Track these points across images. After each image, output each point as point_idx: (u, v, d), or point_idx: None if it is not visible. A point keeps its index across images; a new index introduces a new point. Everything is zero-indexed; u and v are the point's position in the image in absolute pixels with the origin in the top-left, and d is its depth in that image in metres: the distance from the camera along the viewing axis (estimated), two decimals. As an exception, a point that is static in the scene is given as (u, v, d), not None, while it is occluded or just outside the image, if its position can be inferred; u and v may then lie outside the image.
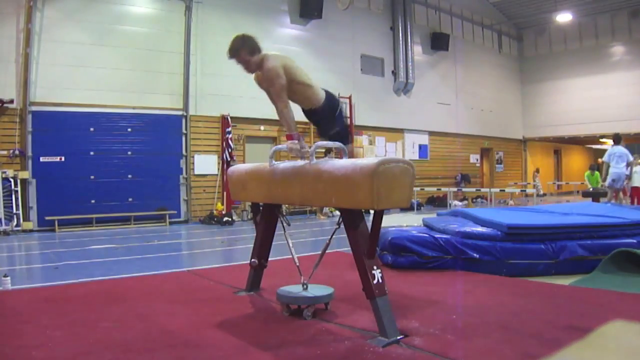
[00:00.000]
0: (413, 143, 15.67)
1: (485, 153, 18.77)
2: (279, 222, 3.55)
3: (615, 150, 9.26)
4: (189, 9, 10.80)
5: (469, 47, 17.77)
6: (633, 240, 4.43)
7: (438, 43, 16.20)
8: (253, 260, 3.62)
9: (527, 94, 19.93)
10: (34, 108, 9.06)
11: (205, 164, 11.04)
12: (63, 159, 9.34)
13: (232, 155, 10.96)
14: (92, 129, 9.63)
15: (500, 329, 2.71)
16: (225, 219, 10.26)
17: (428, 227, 5.21)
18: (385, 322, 2.58)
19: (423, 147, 16.03)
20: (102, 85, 9.69)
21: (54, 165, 9.25)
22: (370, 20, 14.53)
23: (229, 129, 11.06)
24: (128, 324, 2.91)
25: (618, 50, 17.63)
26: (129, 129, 10.05)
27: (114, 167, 9.85)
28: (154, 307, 3.32)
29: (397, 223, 6.80)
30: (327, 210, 11.79)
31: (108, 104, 9.77)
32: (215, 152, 11.18)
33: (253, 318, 3.10)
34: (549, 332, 2.64)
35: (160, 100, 10.40)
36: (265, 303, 3.44)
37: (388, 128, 14.85)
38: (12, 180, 8.72)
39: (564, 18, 17.17)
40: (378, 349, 2.43)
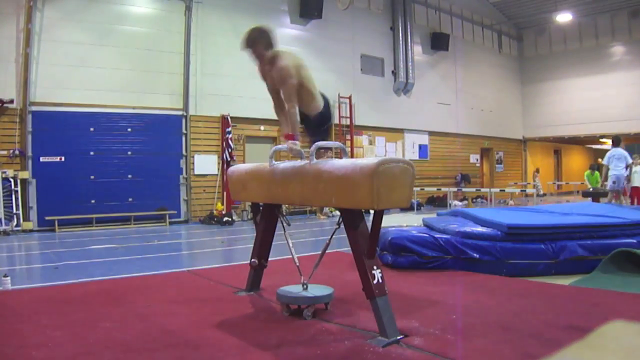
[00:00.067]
0: (413, 143, 15.67)
1: (485, 153, 18.77)
2: (279, 222, 3.55)
3: (614, 153, 9.31)
4: (189, 9, 10.80)
5: (469, 47, 17.77)
6: (633, 240, 4.43)
7: (438, 43, 16.20)
8: (253, 260, 3.62)
9: (527, 94, 19.93)
10: (34, 108, 9.07)
11: (205, 164, 11.05)
12: (63, 159, 9.34)
13: (232, 155, 10.97)
14: (92, 129, 9.64)
15: (500, 329, 2.71)
16: (225, 219, 10.26)
17: (428, 227, 5.21)
18: (385, 322, 2.58)
19: (423, 147, 16.03)
20: (102, 85, 9.70)
21: (54, 165, 9.25)
22: (370, 20, 14.53)
23: (229, 129, 11.07)
24: (128, 324, 2.91)
25: (618, 50, 17.62)
26: (129, 129, 10.05)
27: (114, 167, 9.85)
28: (154, 307, 3.32)
29: (397, 223, 6.80)
30: (327, 210, 11.79)
31: (108, 104, 9.77)
32: (215, 152, 11.18)
33: (253, 318, 3.10)
34: (549, 332, 2.64)
35: (160, 100, 10.40)
36: (265, 303, 3.44)
37: (388, 128, 14.86)
38: (12, 180, 8.73)
39: (564, 18, 17.18)
40: (378, 349, 2.43)
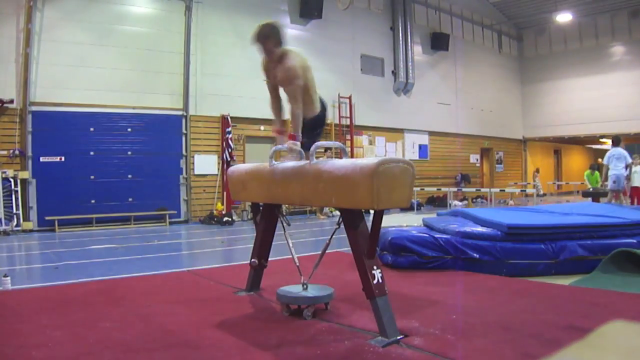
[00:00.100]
0: (413, 143, 15.67)
1: (485, 153, 18.77)
2: (279, 222, 3.55)
3: (614, 152, 9.30)
4: (189, 9, 10.80)
5: (469, 47, 17.77)
6: (633, 240, 4.43)
7: (438, 43, 16.20)
8: (253, 260, 3.62)
9: (527, 94, 19.93)
10: (34, 108, 9.07)
11: (205, 164, 11.05)
12: (63, 159, 9.34)
13: (232, 155, 10.97)
14: (92, 129, 9.64)
15: (500, 329, 2.71)
16: (225, 219, 10.26)
17: (428, 227, 5.21)
18: (385, 322, 2.58)
19: (423, 147, 16.03)
20: (102, 85, 9.70)
21: (54, 165, 9.25)
22: (370, 20, 14.53)
23: (229, 129, 11.07)
24: (128, 324, 2.91)
25: (618, 50, 17.62)
26: (129, 129, 10.05)
27: (114, 167, 9.85)
28: (154, 307, 3.32)
29: (397, 223, 6.80)
30: (327, 210, 11.79)
31: (108, 104, 9.77)
32: (215, 152, 11.18)
33: (253, 318, 3.10)
34: (549, 332, 2.64)
35: (160, 100, 10.40)
36: (265, 303, 3.44)
37: (388, 128, 14.85)
38: (12, 180, 8.72)
39: (564, 18, 17.17)
40: (378, 349, 2.43)
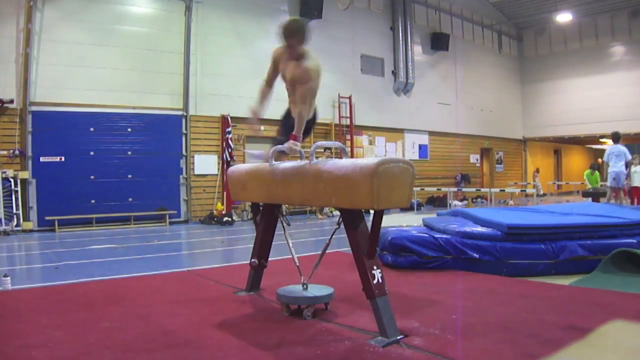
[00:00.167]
0: (413, 143, 15.67)
1: (485, 153, 18.77)
2: (279, 222, 3.55)
3: (614, 150, 9.22)
4: (189, 9, 10.80)
5: (469, 47, 17.77)
6: (633, 240, 4.43)
7: (438, 43, 16.20)
8: (253, 260, 3.62)
9: (527, 94, 19.93)
10: (34, 108, 9.06)
11: (205, 164, 11.04)
12: (63, 159, 9.34)
13: (232, 155, 10.97)
14: (92, 129, 9.63)
15: (500, 329, 2.71)
16: (225, 219, 10.26)
17: (428, 227, 5.21)
18: (385, 322, 2.58)
19: (423, 147, 16.03)
20: (102, 85, 9.69)
21: (54, 165, 9.25)
22: (370, 20, 14.53)
23: (229, 129, 11.06)
24: (128, 324, 2.91)
25: (618, 50, 17.62)
26: (129, 129, 10.05)
27: (114, 167, 9.85)
28: (154, 307, 3.32)
29: (397, 223, 6.79)
30: (327, 210, 11.79)
31: (108, 104, 9.77)
32: (215, 152, 11.18)
33: (253, 318, 3.10)
34: (549, 332, 2.64)
35: (160, 100, 10.40)
36: (265, 303, 3.44)
37: (388, 128, 14.85)
38: (12, 180, 8.72)
39: (564, 18, 17.17)
40: (378, 349, 2.43)
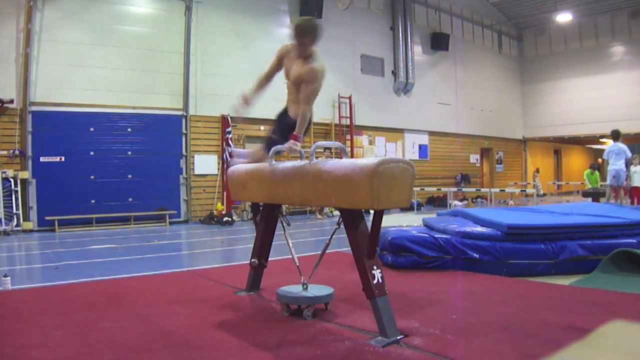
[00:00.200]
0: (413, 143, 15.67)
1: (485, 153, 18.77)
2: (279, 222, 3.55)
3: (613, 148, 9.17)
4: (189, 9, 10.80)
5: (469, 47, 17.77)
6: (633, 240, 4.43)
7: (438, 43, 16.20)
8: (253, 260, 3.62)
9: (527, 94, 19.93)
10: (34, 108, 9.06)
11: (205, 164, 11.04)
12: (63, 159, 9.34)
13: (232, 155, 10.96)
14: (92, 129, 9.63)
15: (500, 329, 2.71)
16: (225, 219, 10.26)
17: (428, 227, 5.21)
18: (385, 322, 2.58)
19: (423, 147, 16.03)
20: (102, 85, 9.69)
21: (54, 165, 9.25)
22: (370, 20, 14.53)
23: (229, 129, 11.07)
24: (128, 324, 2.91)
25: (618, 50, 17.62)
26: (129, 129, 10.05)
27: (114, 167, 9.85)
28: (154, 307, 3.32)
29: (397, 223, 6.79)
30: (327, 210, 11.79)
31: (108, 104, 9.77)
32: (215, 152, 11.18)
33: (253, 318, 3.10)
34: (549, 332, 2.64)
35: (160, 100, 10.40)
36: (265, 303, 3.44)
37: (388, 128, 14.85)
38: (12, 180, 8.72)
39: (564, 18, 17.17)
40: (378, 349, 2.43)
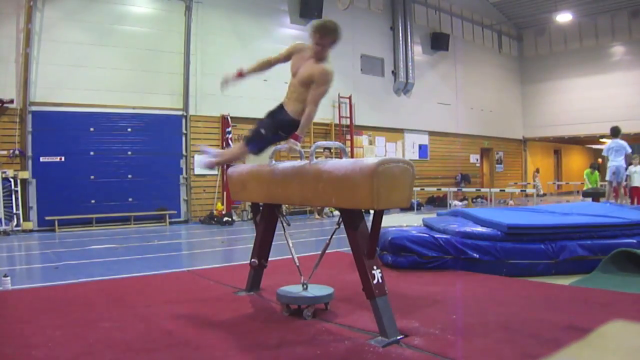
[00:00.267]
0: (413, 143, 15.67)
1: (485, 153, 18.77)
2: (279, 222, 3.55)
3: (613, 145, 9.10)
4: (189, 9, 10.79)
5: (469, 47, 17.77)
6: (633, 240, 4.43)
7: (438, 43, 16.20)
8: (253, 260, 3.62)
9: (527, 94, 19.93)
10: (34, 108, 9.06)
11: (206, 164, 11.03)
12: (63, 159, 9.34)
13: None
14: (92, 129, 9.63)
15: (500, 329, 2.71)
16: (225, 219, 10.26)
17: (428, 227, 5.21)
18: (385, 322, 2.58)
19: (423, 147, 16.03)
20: (102, 85, 9.69)
21: (54, 165, 9.25)
22: (370, 20, 14.53)
23: (229, 129, 11.06)
24: (128, 324, 2.91)
25: (618, 50, 17.62)
26: (129, 129, 10.05)
27: (114, 167, 9.85)
28: (154, 307, 3.32)
29: (397, 223, 6.79)
30: (327, 210, 11.79)
31: (108, 104, 9.77)
32: (215, 152, 11.16)
33: (253, 318, 3.10)
34: (549, 332, 2.64)
35: (160, 100, 10.40)
36: (265, 303, 3.44)
37: (388, 128, 14.85)
38: (12, 180, 8.72)
39: (564, 18, 17.17)
40: (378, 349, 2.43)
